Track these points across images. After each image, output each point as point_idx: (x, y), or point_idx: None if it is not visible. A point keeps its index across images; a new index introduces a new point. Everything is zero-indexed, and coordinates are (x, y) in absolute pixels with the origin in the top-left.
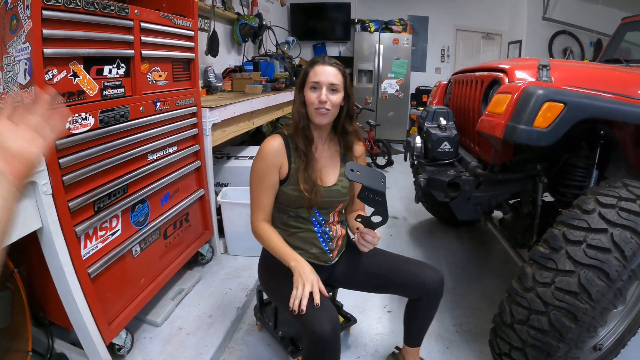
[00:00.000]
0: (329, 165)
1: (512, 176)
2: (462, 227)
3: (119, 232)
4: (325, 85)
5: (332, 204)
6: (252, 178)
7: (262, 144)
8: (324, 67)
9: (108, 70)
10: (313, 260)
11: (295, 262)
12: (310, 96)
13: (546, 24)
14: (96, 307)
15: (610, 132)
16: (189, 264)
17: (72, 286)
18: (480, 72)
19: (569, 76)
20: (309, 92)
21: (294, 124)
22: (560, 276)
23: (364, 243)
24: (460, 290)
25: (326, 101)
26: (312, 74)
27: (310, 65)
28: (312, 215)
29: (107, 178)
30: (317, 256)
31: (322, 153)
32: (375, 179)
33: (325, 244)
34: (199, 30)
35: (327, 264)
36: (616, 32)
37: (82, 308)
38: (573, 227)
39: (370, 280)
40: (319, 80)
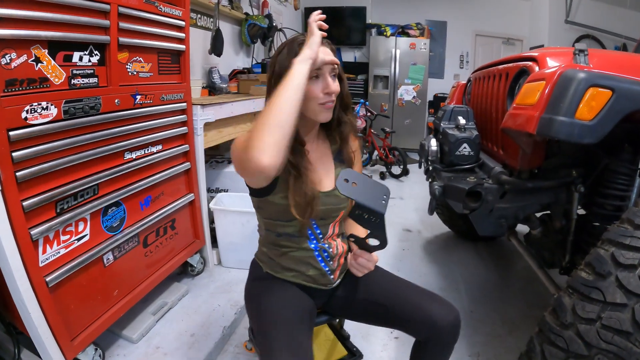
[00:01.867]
0: (322, 168)
1: (543, 184)
2: (482, 242)
3: (87, 238)
4: (327, 70)
5: (331, 212)
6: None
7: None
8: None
9: (78, 57)
10: (310, 284)
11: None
12: (312, 89)
13: (569, 27)
14: (55, 319)
15: None
16: (177, 275)
17: (24, 295)
18: (504, 65)
19: (611, 63)
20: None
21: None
22: (609, 310)
23: (356, 266)
24: (478, 314)
25: (335, 91)
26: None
27: (300, 46)
28: (308, 227)
29: (73, 176)
30: (315, 279)
31: (311, 154)
32: (375, 195)
33: (325, 264)
34: (203, 28)
35: (327, 287)
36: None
37: (38, 320)
38: (625, 246)
39: (372, 311)
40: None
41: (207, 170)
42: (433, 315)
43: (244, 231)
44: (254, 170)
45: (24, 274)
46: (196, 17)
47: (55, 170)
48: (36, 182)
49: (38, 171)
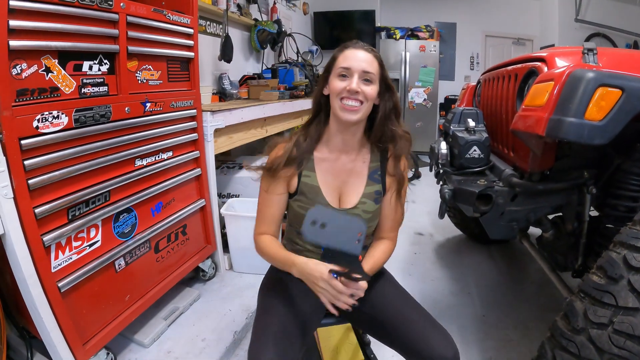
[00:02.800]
0: (352, 182)
1: (554, 186)
2: (494, 245)
3: (99, 244)
4: (357, 72)
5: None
6: (260, 187)
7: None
8: (356, 51)
9: (88, 66)
10: None
11: (295, 267)
12: (337, 84)
13: (579, 26)
14: (67, 324)
15: None
16: (189, 280)
17: (37, 301)
18: (513, 65)
19: (620, 61)
20: (336, 80)
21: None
22: (621, 315)
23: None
24: (490, 318)
25: (358, 91)
26: (341, 58)
27: (340, 50)
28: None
29: (84, 183)
30: None
31: (345, 164)
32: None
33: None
34: (213, 35)
35: None
36: None
37: (50, 324)
38: (637, 249)
39: (376, 327)
40: (349, 65)
41: (218, 176)
42: (430, 346)
43: None
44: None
45: (37, 279)
46: (205, 24)
47: (67, 178)
48: (48, 190)
49: (50, 179)
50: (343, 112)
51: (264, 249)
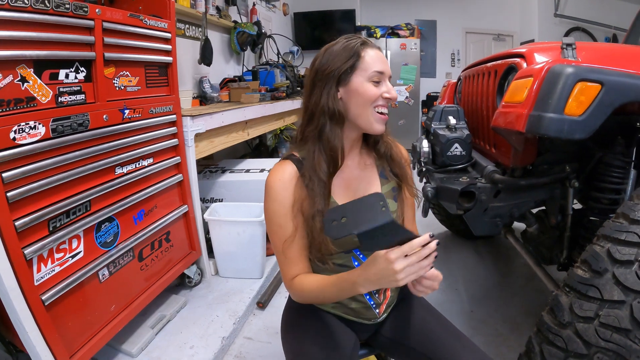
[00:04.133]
0: (365, 187)
1: (537, 181)
2: (480, 241)
3: (81, 254)
4: (387, 76)
5: None
6: (269, 225)
7: (268, 177)
8: (379, 51)
9: (64, 74)
10: (353, 318)
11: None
12: (372, 90)
13: (558, 21)
14: (53, 337)
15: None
16: (175, 287)
17: (21, 315)
18: (493, 62)
19: (600, 56)
20: (369, 85)
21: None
22: (607, 308)
23: (420, 288)
24: (478, 313)
25: (395, 97)
26: (370, 58)
27: (362, 46)
28: (353, 257)
29: (64, 194)
30: (358, 312)
31: (352, 172)
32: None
33: (370, 297)
34: (192, 38)
35: (371, 322)
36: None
37: (35, 338)
38: (620, 242)
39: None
40: (383, 69)
41: (200, 181)
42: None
43: (240, 240)
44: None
45: (20, 293)
46: (184, 27)
47: (46, 189)
48: (27, 202)
49: (29, 190)
50: (378, 124)
51: (305, 289)
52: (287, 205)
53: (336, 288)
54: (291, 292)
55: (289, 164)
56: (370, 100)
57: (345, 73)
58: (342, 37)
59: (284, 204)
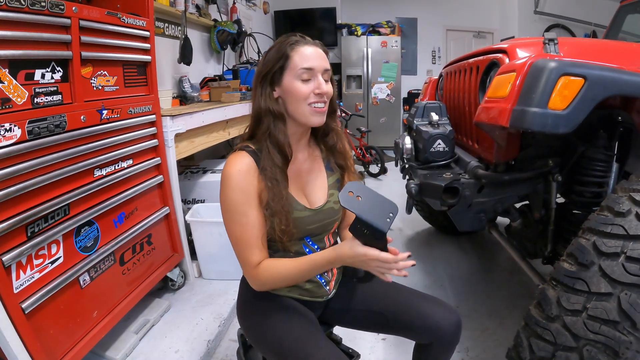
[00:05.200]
0: (314, 179)
1: (520, 176)
2: (463, 236)
3: (61, 260)
4: (319, 71)
5: (326, 226)
6: (229, 214)
7: (225, 167)
8: (311, 47)
9: (40, 74)
10: (307, 298)
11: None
12: (302, 88)
13: (538, 18)
14: (34, 346)
15: (628, 117)
16: (158, 290)
17: (1, 324)
18: (474, 58)
19: (581, 50)
20: (298, 82)
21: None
22: (594, 300)
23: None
24: (464, 308)
25: (327, 92)
26: (297, 57)
27: (292, 47)
28: (305, 245)
29: (42, 198)
30: (311, 292)
31: (302, 164)
32: (380, 211)
33: (320, 276)
34: (171, 37)
35: (323, 299)
36: (615, 16)
37: (16, 348)
38: (606, 234)
39: (371, 320)
40: (312, 65)
41: (181, 182)
42: (435, 319)
43: (223, 242)
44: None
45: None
46: (163, 26)
47: (23, 193)
48: (4, 207)
49: (5, 195)
50: (315, 116)
51: (273, 274)
52: (248, 193)
53: (309, 269)
54: (255, 280)
55: (246, 156)
56: (301, 98)
57: (277, 74)
58: (280, 38)
59: (245, 192)
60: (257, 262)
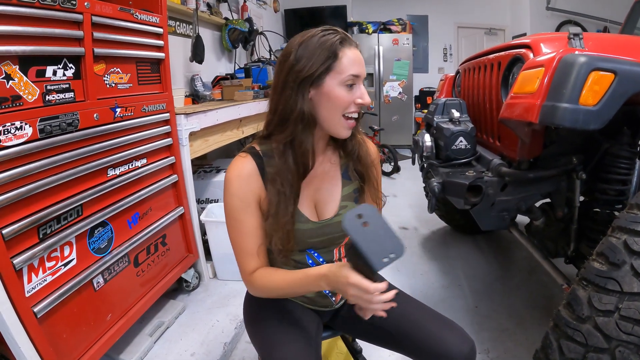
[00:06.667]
0: (327, 187)
1: (545, 173)
2: (480, 235)
3: (74, 262)
4: (362, 79)
5: (333, 240)
6: (228, 219)
7: (227, 172)
8: (357, 51)
9: (52, 71)
10: (310, 306)
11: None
12: (345, 96)
13: (550, 14)
14: (47, 350)
15: None
16: (172, 292)
17: (12, 329)
18: (495, 54)
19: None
20: (342, 89)
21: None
22: (627, 300)
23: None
24: (483, 309)
25: (369, 103)
26: (346, 60)
27: (340, 45)
28: (308, 256)
29: (54, 198)
30: (315, 301)
31: (316, 169)
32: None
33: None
34: (183, 36)
35: (328, 309)
36: (631, 12)
37: (28, 352)
38: (637, 233)
39: (378, 335)
40: (359, 72)
41: (195, 181)
42: (447, 346)
43: None
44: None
45: (10, 306)
46: (175, 24)
47: (35, 194)
48: (15, 208)
49: (16, 196)
50: (344, 129)
51: (265, 284)
52: (246, 201)
53: (299, 284)
54: (250, 287)
55: (249, 160)
56: (342, 107)
57: (322, 73)
58: (317, 30)
59: (242, 199)
60: (253, 270)
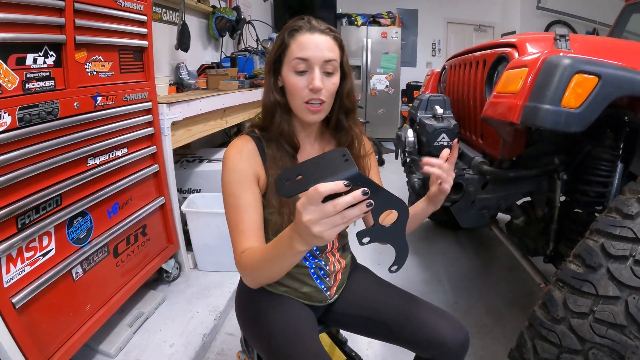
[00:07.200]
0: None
1: (526, 173)
2: (462, 231)
3: (53, 252)
4: (317, 63)
5: None
6: (225, 198)
7: (227, 150)
8: (312, 35)
9: (32, 59)
10: (305, 301)
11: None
12: (295, 82)
13: (540, 13)
14: (25, 341)
15: (634, 117)
16: (152, 282)
17: None
18: (481, 51)
19: (593, 48)
20: (292, 75)
21: (272, 124)
22: (602, 303)
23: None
24: (462, 305)
25: (321, 88)
26: (295, 46)
27: (291, 34)
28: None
29: (33, 188)
30: (309, 296)
31: (310, 156)
32: (331, 165)
33: (321, 281)
34: (169, 23)
35: (323, 304)
36: (620, 15)
37: (7, 343)
38: (614, 237)
39: (372, 328)
40: (307, 56)
41: (177, 171)
42: (441, 334)
43: (219, 232)
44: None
45: None
46: (161, 11)
47: (13, 183)
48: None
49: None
50: (307, 114)
51: (251, 260)
52: (243, 175)
53: (276, 246)
54: (238, 267)
55: (249, 140)
56: (295, 93)
57: (277, 62)
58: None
59: (240, 173)
60: (244, 249)
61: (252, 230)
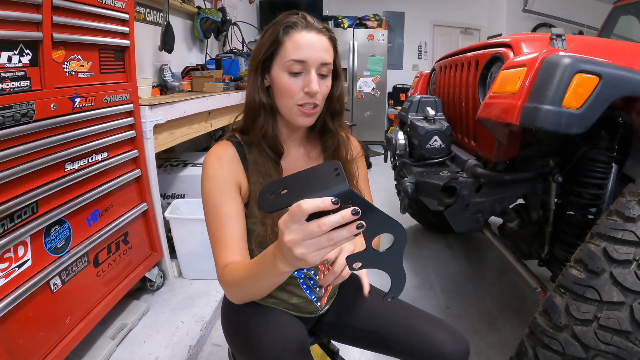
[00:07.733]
0: None
1: (521, 175)
2: (452, 234)
3: (29, 263)
4: (314, 66)
5: None
6: (205, 207)
7: (206, 156)
8: (309, 34)
9: (6, 57)
10: (294, 313)
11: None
12: (289, 84)
13: (526, 16)
14: (2, 357)
15: (628, 119)
16: (135, 292)
17: None
18: (473, 52)
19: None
20: (285, 76)
21: (254, 127)
22: (606, 309)
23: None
24: (454, 309)
25: (318, 92)
26: (290, 45)
27: (286, 30)
28: None
29: (7, 195)
30: (299, 307)
31: (295, 162)
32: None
33: (311, 291)
34: (153, 24)
35: (313, 315)
36: (609, 17)
37: None
38: (617, 240)
39: (368, 340)
40: (305, 57)
41: (160, 175)
42: (441, 345)
43: (204, 239)
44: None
45: None
46: (144, 11)
47: None
48: None
49: None
50: (299, 117)
51: (233, 276)
52: (223, 183)
53: (259, 265)
54: (222, 285)
55: (229, 146)
56: (288, 95)
57: (267, 60)
58: (284, 14)
59: (220, 181)
60: (226, 264)
61: (234, 242)
